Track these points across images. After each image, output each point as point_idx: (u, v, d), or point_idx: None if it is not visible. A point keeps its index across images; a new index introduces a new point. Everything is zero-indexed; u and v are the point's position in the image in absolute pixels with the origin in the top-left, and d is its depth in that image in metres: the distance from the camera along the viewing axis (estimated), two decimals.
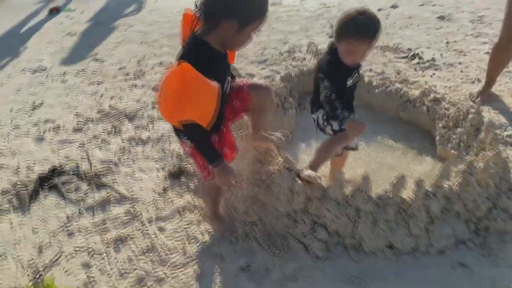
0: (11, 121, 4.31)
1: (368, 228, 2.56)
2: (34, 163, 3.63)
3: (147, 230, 2.86)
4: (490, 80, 4.14)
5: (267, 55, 5.42)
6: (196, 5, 1.93)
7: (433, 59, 4.96)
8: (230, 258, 2.60)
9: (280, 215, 2.75)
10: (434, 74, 4.66)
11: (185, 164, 3.39)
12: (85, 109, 4.41)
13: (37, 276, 2.59)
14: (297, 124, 4.04)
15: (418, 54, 5.13)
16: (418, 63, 4.94)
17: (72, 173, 3.45)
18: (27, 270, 2.66)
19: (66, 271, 2.62)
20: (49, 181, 3.37)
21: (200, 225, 2.85)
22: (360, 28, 2.35)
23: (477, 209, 2.64)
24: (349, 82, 2.67)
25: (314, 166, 2.69)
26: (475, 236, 2.65)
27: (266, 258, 2.59)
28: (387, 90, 4.21)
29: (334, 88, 2.58)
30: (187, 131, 2.11)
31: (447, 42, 5.38)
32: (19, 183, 3.39)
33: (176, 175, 3.31)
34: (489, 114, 3.85)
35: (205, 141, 2.16)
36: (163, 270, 2.58)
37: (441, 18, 6.18)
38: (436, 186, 2.56)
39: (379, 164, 3.50)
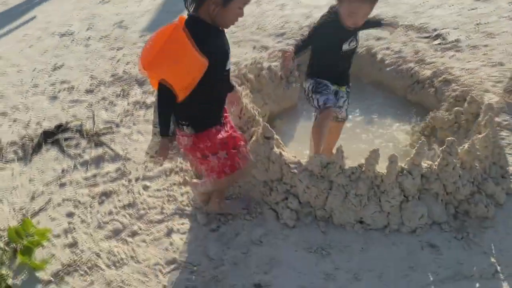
0: (32, 80, 4.55)
1: (338, 200, 2.53)
2: (43, 119, 3.84)
3: (132, 187, 2.98)
4: None
5: (286, 29, 5.34)
6: None
7: (457, 40, 4.71)
8: (202, 220, 2.66)
9: (257, 182, 2.78)
10: (454, 55, 4.43)
11: None
12: (100, 72, 4.57)
13: (22, 220, 2.77)
14: (301, 99, 4.01)
15: (442, 34, 4.89)
16: (440, 43, 4.71)
17: (75, 130, 3.62)
18: (18, 214, 2.85)
19: (51, 218, 2.80)
20: (53, 136, 3.56)
21: (182, 187, 2.94)
22: None
23: (458, 192, 2.55)
24: (345, 46, 2.67)
25: (316, 152, 2.72)
26: (453, 219, 2.56)
27: (237, 223, 2.64)
28: (398, 68, 4.08)
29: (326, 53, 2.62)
30: (159, 94, 2.04)
31: (478, 24, 5.08)
32: (26, 136, 3.60)
33: (170, 139, 3.39)
34: None
35: (167, 112, 2.10)
36: (139, 224, 2.69)
37: None
38: (413, 163, 2.49)
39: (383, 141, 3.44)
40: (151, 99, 4.00)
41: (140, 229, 2.66)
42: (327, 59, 2.76)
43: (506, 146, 3.08)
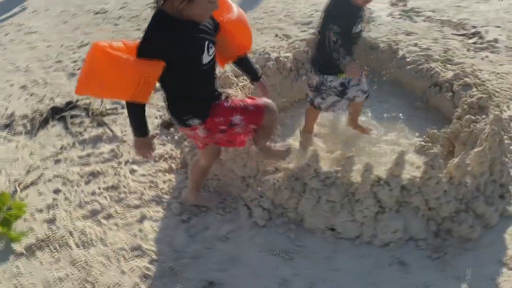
0: (57, 55, 4.73)
1: (310, 205, 2.43)
2: (57, 95, 3.98)
3: (120, 170, 3.03)
4: None
5: (314, 17, 5.16)
6: None
7: (495, 40, 4.34)
8: (176, 209, 2.66)
9: (235, 177, 2.72)
10: (487, 56, 4.09)
11: None
12: None
13: (14, 191, 2.91)
14: None
15: (480, 33, 4.52)
16: (475, 42, 4.36)
17: (83, 108, 3.73)
18: (11, 186, 2.99)
19: (39, 192, 2.91)
20: (61, 112, 3.68)
21: (166, 174, 2.94)
22: None
23: (441, 208, 2.36)
24: (356, 29, 2.69)
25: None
26: (434, 237, 2.39)
27: (209, 216, 2.61)
28: (418, 68, 3.82)
29: (341, 35, 2.58)
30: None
31: None
32: (38, 111, 3.76)
33: (167, 125, 3.41)
34: None
35: (136, 114, 2.05)
36: (116, 207, 2.73)
37: None
38: (391, 174, 2.33)
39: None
40: None
41: (116, 212, 2.70)
42: (344, 44, 2.62)
43: None
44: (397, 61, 3.98)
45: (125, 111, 3.62)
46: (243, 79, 3.37)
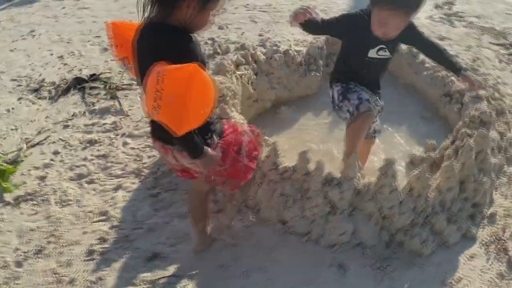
0: (98, 31, 5.07)
1: (266, 196, 2.47)
2: (86, 67, 4.30)
3: (115, 141, 3.25)
4: None
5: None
6: None
7: None
8: (150, 184, 2.82)
9: None
10: None
11: None
12: None
13: (20, 148, 3.24)
14: (322, 89, 3.83)
15: None
16: (511, 54, 4.04)
17: (103, 81, 4.01)
18: (21, 143, 3.33)
19: (41, 152, 3.21)
20: (83, 83, 3.99)
21: (153, 150, 3.11)
22: None
23: (395, 218, 2.29)
24: (371, 53, 2.30)
25: (348, 155, 2.42)
26: (385, 247, 2.33)
27: (176, 194, 2.75)
28: (435, 75, 3.64)
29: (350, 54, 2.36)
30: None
31: None
32: (65, 79, 4.10)
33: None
34: None
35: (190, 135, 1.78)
36: (100, 175, 2.95)
37: None
38: (345, 176, 2.30)
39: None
40: None
41: (98, 179, 2.92)
42: (352, 63, 2.43)
43: (501, 184, 2.65)
44: (415, 65, 3.81)
45: (138, 87, 3.90)
46: (244, 68, 3.44)
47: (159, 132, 1.90)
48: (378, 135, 2.84)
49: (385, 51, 2.32)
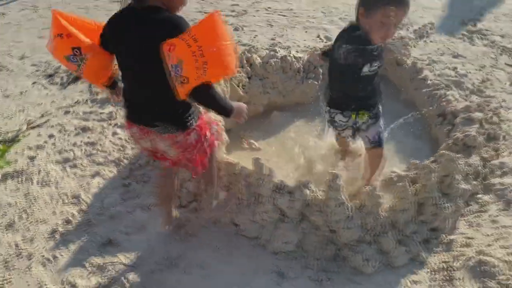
0: None
1: (222, 197, 2.52)
2: None
3: (106, 130, 3.41)
4: None
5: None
6: None
7: None
8: (125, 174, 2.95)
9: None
10: None
11: None
12: None
13: (20, 128, 3.48)
14: (318, 97, 3.81)
15: None
16: None
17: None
18: (24, 124, 3.57)
19: (38, 134, 3.43)
20: None
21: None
22: None
23: (341, 232, 2.28)
24: (365, 68, 2.24)
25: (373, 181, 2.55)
26: (332, 260, 2.32)
27: (147, 187, 2.85)
28: (433, 92, 3.54)
29: (344, 73, 2.29)
30: (206, 92, 1.80)
31: None
32: None
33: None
34: None
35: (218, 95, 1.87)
36: (84, 161, 3.11)
37: None
38: (299, 185, 2.31)
39: None
40: None
41: (81, 164, 3.08)
42: (344, 83, 2.39)
43: (470, 212, 2.55)
44: (416, 81, 3.72)
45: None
46: (236, 71, 3.49)
47: (140, 115, 1.99)
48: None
49: (376, 61, 2.24)
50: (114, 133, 3.37)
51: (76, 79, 4.15)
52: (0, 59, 4.60)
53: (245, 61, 3.59)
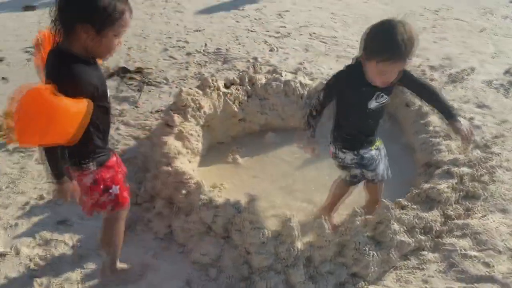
0: (174, 33, 5.72)
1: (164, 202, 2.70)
2: (140, 61, 4.95)
3: (112, 124, 3.76)
4: None
5: None
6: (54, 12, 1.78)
7: None
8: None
9: None
10: None
11: None
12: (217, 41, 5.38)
13: None
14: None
15: None
16: None
17: (141, 75, 4.60)
18: None
19: None
20: (126, 73, 4.63)
21: (131, 139, 3.54)
22: (399, 45, 1.97)
23: (254, 256, 2.32)
24: (372, 104, 2.28)
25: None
26: (240, 281, 2.36)
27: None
28: (428, 139, 3.38)
29: (350, 110, 2.36)
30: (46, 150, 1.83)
31: None
32: (117, 67, 4.78)
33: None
34: None
35: (57, 155, 1.85)
36: None
37: None
38: (226, 202, 2.42)
39: None
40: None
41: None
42: (353, 118, 2.40)
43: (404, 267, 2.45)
44: (417, 125, 3.58)
45: (165, 87, 4.39)
46: (236, 88, 3.65)
47: None
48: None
49: (383, 96, 2.27)
50: (117, 128, 3.71)
51: (110, 76, 4.60)
52: None
53: (247, 80, 3.73)
